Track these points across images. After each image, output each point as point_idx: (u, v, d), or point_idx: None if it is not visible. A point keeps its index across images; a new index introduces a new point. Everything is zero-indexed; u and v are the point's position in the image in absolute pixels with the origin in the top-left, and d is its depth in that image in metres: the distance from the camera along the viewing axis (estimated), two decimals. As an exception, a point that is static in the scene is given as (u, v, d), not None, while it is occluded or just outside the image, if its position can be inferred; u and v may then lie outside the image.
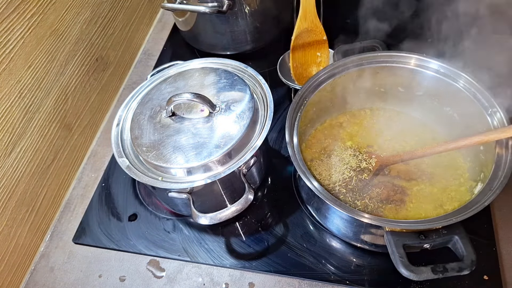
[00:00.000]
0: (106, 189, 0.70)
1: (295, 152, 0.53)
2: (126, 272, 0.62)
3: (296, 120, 0.57)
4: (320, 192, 0.49)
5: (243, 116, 0.55)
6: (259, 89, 0.61)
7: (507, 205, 0.60)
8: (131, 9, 0.88)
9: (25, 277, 0.64)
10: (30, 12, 0.60)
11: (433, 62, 0.60)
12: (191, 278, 0.60)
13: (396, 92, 0.66)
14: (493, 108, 0.54)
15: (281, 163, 0.69)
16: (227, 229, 0.63)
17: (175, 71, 0.66)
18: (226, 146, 0.53)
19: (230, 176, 0.53)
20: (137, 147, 0.55)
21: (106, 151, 0.77)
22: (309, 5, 0.65)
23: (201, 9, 0.71)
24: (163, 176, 0.54)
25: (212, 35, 0.81)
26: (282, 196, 0.66)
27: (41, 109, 0.65)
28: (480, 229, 0.58)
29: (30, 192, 0.64)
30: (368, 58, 0.62)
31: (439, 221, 0.46)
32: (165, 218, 0.66)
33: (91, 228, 0.66)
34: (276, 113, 0.74)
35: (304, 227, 0.62)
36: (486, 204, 0.46)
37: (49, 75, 0.66)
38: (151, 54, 0.92)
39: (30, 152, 0.63)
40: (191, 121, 0.56)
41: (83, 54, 0.73)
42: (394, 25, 0.70)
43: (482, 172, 0.55)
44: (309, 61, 0.72)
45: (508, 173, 0.48)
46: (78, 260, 0.64)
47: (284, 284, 0.58)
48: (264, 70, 0.82)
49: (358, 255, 0.58)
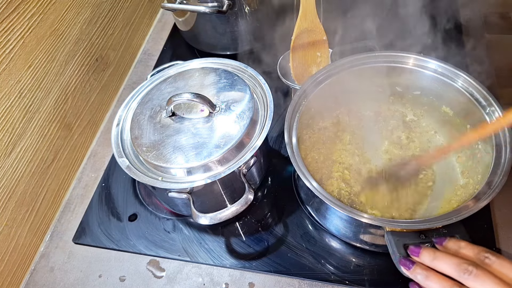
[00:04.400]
0: (106, 189, 0.70)
1: (294, 152, 0.53)
2: (126, 272, 0.62)
3: (295, 120, 0.57)
4: (319, 192, 0.49)
5: (243, 116, 0.55)
6: (259, 89, 0.61)
7: (507, 205, 0.60)
8: (131, 9, 0.88)
9: (25, 277, 0.64)
10: (30, 12, 0.60)
11: (432, 62, 0.60)
12: (191, 278, 0.60)
13: (395, 92, 0.66)
14: (491, 108, 0.54)
15: (281, 163, 0.70)
16: (227, 229, 0.63)
17: (175, 71, 0.66)
18: (226, 146, 0.53)
19: (230, 176, 0.53)
20: (137, 147, 0.55)
21: (106, 151, 0.77)
22: (309, 5, 0.65)
23: (201, 9, 0.71)
24: (163, 176, 0.54)
25: (212, 35, 0.81)
26: (282, 196, 0.66)
27: (41, 109, 0.65)
28: (480, 229, 0.58)
29: (30, 192, 0.64)
30: (366, 58, 0.62)
31: (439, 220, 0.46)
32: (165, 218, 0.66)
33: (91, 228, 0.66)
34: (276, 113, 0.74)
35: (304, 227, 0.62)
36: (486, 203, 0.46)
37: (49, 75, 0.66)
38: (151, 54, 0.92)
39: (30, 152, 0.63)
40: (191, 121, 0.56)
41: (83, 54, 0.73)
42: (393, 25, 0.70)
43: (481, 171, 0.55)
44: (309, 61, 0.72)
45: (507, 171, 0.48)
46: (78, 260, 0.64)
47: (284, 284, 0.58)
48: (264, 70, 0.82)
49: (358, 255, 0.58)
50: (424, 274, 0.44)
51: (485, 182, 0.49)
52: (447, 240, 0.46)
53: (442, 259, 0.44)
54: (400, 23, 0.70)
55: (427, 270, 0.45)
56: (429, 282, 0.44)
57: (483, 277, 0.40)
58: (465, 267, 0.41)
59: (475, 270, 0.41)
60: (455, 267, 0.42)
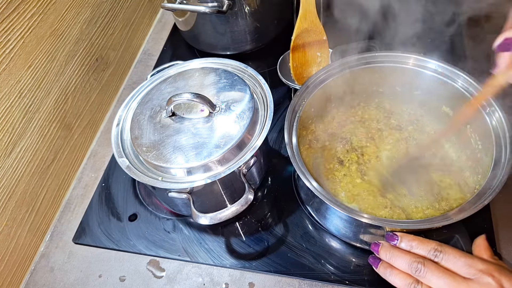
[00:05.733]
0: (106, 189, 0.70)
1: (294, 153, 0.53)
2: (126, 272, 0.62)
3: (295, 120, 0.57)
4: (320, 192, 0.49)
5: (243, 116, 0.55)
6: (259, 89, 0.61)
7: (507, 205, 0.60)
8: (131, 9, 0.88)
9: (25, 277, 0.64)
10: (30, 12, 0.60)
11: (432, 62, 0.60)
12: (191, 278, 0.60)
13: (394, 92, 0.66)
14: (491, 107, 0.54)
15: (281, 163, 0.69)
16: (227, 229, 0.63)
17: (175, 71, 0.66)
18: (226, 146, 0.53)
19: (230, 176, 0.53)
20: (137, 147, 0.55)
21: (106, 151, 0.77)
22: (309, 5, 0.65)
23: (201, 9, 0.71)
24: (163, 176, 0.54)
25: (212, 35, 0.81)
26: (282, 196, 0.66)
27: (41, 109, 0.65)
28: (480, 229, 0.58)
29: (30, 192, 0.64)
30: (366, 58, 0.62)
31: (439, 220, 0.46)
32: (165, 218, 0.66)
33: (91, 228, 0.66)
34: (276, 113, 0.74)
35: (304, 227, 0.62)
36: (486, 203, 0.46)
37: (49, 75, 0.66)
38: (151, 54, 0.92)
39: (30, 152, 0.63)
40: (191, 121, 0.56)
41: (83, 54, 0.73)
42: (393, 25, 0.70)
43: (481, 171, 0.55)
44: (309, 61, 0.72)
45: (507, 171, 0.48)
46: (78, 260, 0.64)
47: (284, 284, 0.58)
48: (264, 70, 0.82)
49: (358, 255, 0.58)
50: (388, 271, 0.48)
51: (485, 182, 0.49)
52: (399, 241, 0.48)
53: (397, 257, 0.47)
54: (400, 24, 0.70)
55: (391, 267, 0.48)
56: (393, 278, 0.47)
57: (430, 273, 0.45)
58: (415, 265, 0.45)
59: (423, 267, 0.45)
60: (408, 265, 0.46)
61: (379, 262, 0.50)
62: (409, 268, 0.46)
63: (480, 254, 0.48)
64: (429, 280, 0.45)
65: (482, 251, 0.48)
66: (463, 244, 0.55)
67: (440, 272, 0.44)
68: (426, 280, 0.45)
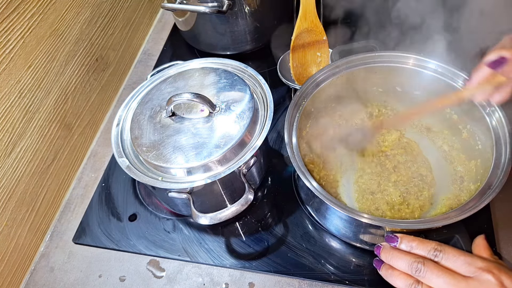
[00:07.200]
0: (106, 189, 0.70)
1: (294, 153, 0.53)
2: (126, 272, 0.62)
3: (295, 120, 0.57)
4: (319, 192, 0.49)
5: (243, 116, 0.55)
6: (259, 89, 0.61)
7: (507, 205, 0.60)
8: (131, 9, 0.88)
9: (25, 277, 0.64)
10: (30, 12, 0.60)
11: (432, 62, 0.60)
12: (191, 278, 0.60)
13: (394, 92, 0.66)
14: (491, 108, 0.54)
15: (281, 163, 0.69)
16: (227, 229, 0.63)
17: (175, 71, 0.66)
18: (226, 146, 0.53)
19: (230, 176, 0.53)
20: (137, 147, 0.55)
21: (106, 151, 0.77)
22: (309, 5, 0.65)
23: (201, 9, 0.71)
24: (163, 176, 0.54)
25: (212, 35, 0.81)
26: (282, 196, 0.66)
27: (41, 109, 0.65)
28: (480, 229, 0.58)
29: (30, 192, 0.64)
30: (366, 58, 0.62)
31: (439, 220, 0.47)
32: (165, 218, 0.66)
33: (91, 228, 0.66)
34: (276, 113, 0.74)
35: (304, 227, 0.62)
36: (486, 203, 0.46)
37: (49, 75, 0.66)
38: (151, 54, 0.92)
39: (30, 152, 0.63)
40: (191, 121, 0.56)
41: (83, 54, 0.73)
42: (393, 24, 0.70)
43: (481, 171, 0.55)
44: (309, 61, 0.72)
45: (507, 171, 0.48)
46: (78, 260, 0.64)
47: (284, 284, 0.58)
48: (264, 70, 0.82)
49: (358, 255, 0.58)
50: (389, 273, 0.48)
51: (485, 182, 0.49)
52: (399, 242, 0.49)
53: (397, 258, 0.48)
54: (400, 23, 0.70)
55: (392, 269, 0.48)
56: (394, 279, 0.48)
57: (430, 273, 0.45)
58: (415, 265, 0.45)
59: (423, 267, 0.45)
60: (408, 266, 0.46)
61: (382, 264, 0.50)
62: (409, 269, 0.46)
63: (479, 253, 0.48)
64: (429, 279, 0.45)
65: (481, 250, 0.48)
66: (463, 244, 0.55)
67: (440, 271, 0.44)
68: (426, 280, 0.45)
